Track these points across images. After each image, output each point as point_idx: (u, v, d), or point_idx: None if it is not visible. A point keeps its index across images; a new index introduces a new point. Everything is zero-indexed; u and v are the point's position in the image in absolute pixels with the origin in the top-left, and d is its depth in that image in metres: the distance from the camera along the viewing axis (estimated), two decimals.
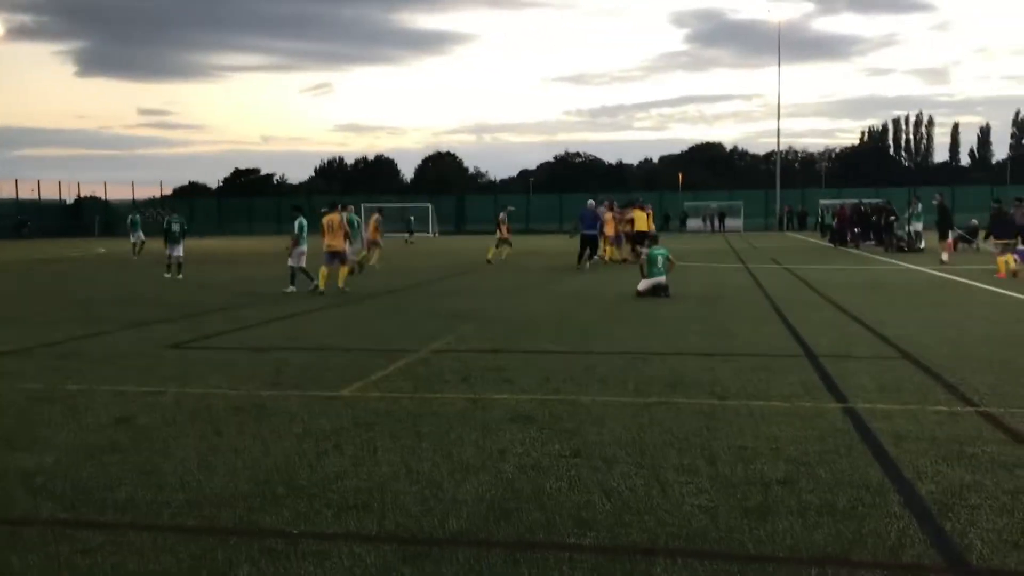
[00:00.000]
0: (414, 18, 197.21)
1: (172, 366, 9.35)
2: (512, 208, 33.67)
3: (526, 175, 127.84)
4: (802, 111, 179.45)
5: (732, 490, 5.01)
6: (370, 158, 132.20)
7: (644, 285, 15.96)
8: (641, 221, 26.14)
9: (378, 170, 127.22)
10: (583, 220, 24.65)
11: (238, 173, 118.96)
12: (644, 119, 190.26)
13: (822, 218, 48.40)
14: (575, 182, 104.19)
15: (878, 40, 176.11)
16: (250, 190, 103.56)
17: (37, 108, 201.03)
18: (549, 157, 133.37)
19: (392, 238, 38.83)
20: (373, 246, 24.72)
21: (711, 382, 8.09)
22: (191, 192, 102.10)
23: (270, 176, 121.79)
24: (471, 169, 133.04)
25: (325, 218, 18.06)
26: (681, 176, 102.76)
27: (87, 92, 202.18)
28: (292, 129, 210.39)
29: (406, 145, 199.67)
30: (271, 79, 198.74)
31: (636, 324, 12.30)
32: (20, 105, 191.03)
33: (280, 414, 7.06)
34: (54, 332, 11.95)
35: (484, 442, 6.10)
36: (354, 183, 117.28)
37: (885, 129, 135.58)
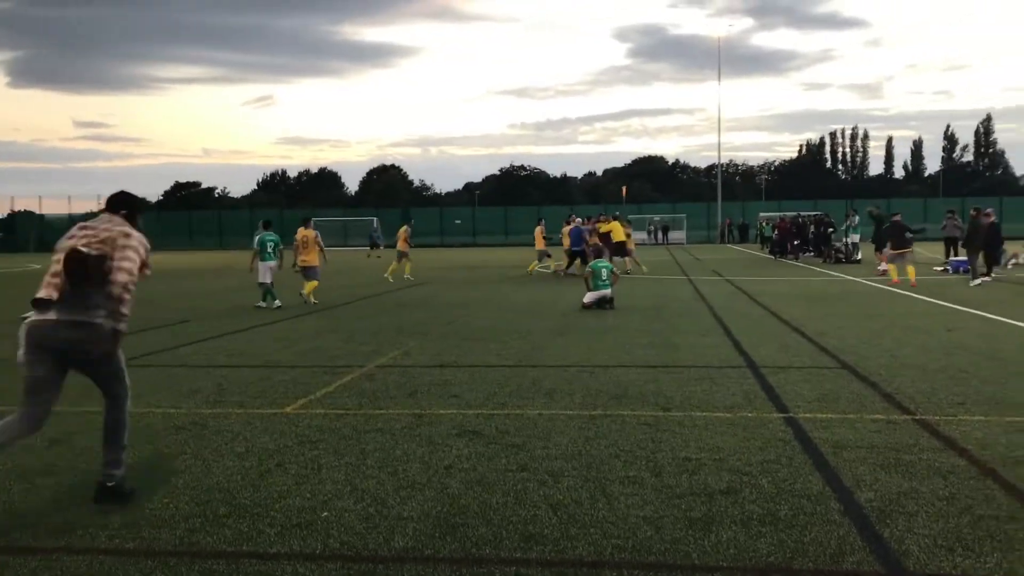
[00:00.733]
0: (359, 30, 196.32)
1: None
2: (413, 221, 33.75)
3: (471, 188, 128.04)
4: (742, 125, 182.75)
5: (677, 501, 5.06)
6: (314, 171, 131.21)
7: (589, 298, 16.12)
8: (619, 233, 26.24)
9: (322, 183, 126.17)
10: (572, 238, 25.76)
11: (178, 187, 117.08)
12: (588, 132, 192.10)
13: (762, 230, 49.30)
14: (520, 195, 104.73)
15: (814, 55, 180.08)
16: (190, 204, 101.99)
17: None
18: (494, 170, 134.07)
19: (337, 251, 38.55)
20: (403, 257, 25.03)
21: (655, 393, 8.17)
22: None
23: (211, 190, 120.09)
24: (416, 182, 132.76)
25: (299, 234, 18.23)
26: (625, 189, 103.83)
27: (20, 104, 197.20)
28: (234, 142, 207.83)
29: (350, 158, 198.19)
30: (212, 91, 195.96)
31: (582, 337, 12.37)
32: None
33: (222, 432, 6.94)
34: None
35: (430, 458, 6.07)
36: (297, 196, 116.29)
37: (822, 143, 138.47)
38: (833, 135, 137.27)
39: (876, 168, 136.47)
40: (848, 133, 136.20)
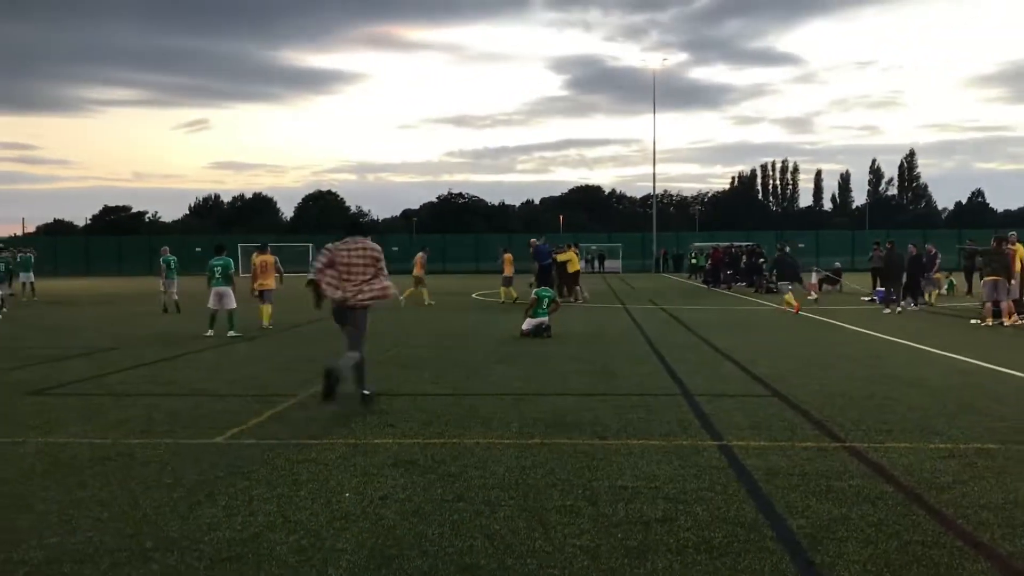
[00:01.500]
0: (297, 56, 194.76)
1: (32, 414, 8.84)
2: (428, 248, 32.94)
3: (409, 215, 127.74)
4: (677, 156, 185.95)
5: (613, 530, 5.06)
6: (248, 196, 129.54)
7: (528, 325, 16.18)
8: (575, 263, 26.37)
9: (256, 209, 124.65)
10: (540, 255, 25.68)
11: (107, 211, 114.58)
12: (526, 161, 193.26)
13: (694, 259, 50.19)
14: (459, 222, 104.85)
15: (748, 90, 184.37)
16: (120, 228, 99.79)
17: None
18: (432, 197, 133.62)
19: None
20: (420, 283, 24.91)
21: (592, 422, 8.19)
22: (56, 230, 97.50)
23: (142, 214, 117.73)
24: (353, 208, 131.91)
25: (258, 259, 18.76)
26: (562, 218, 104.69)
27: None
28: (166, 166, 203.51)
29: (286, 184, 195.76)
30: (144, 114, 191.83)
31: (519, 364, 12.37)
32: None
33: (150, 463, 6.75)
34: None
35: (365, 488, 5.99)
36: (231, 222, 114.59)
37: (754, 175, 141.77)
38: (764, 167, 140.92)
39: (806, 200, 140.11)
40: (779, 166, 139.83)
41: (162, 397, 9.90)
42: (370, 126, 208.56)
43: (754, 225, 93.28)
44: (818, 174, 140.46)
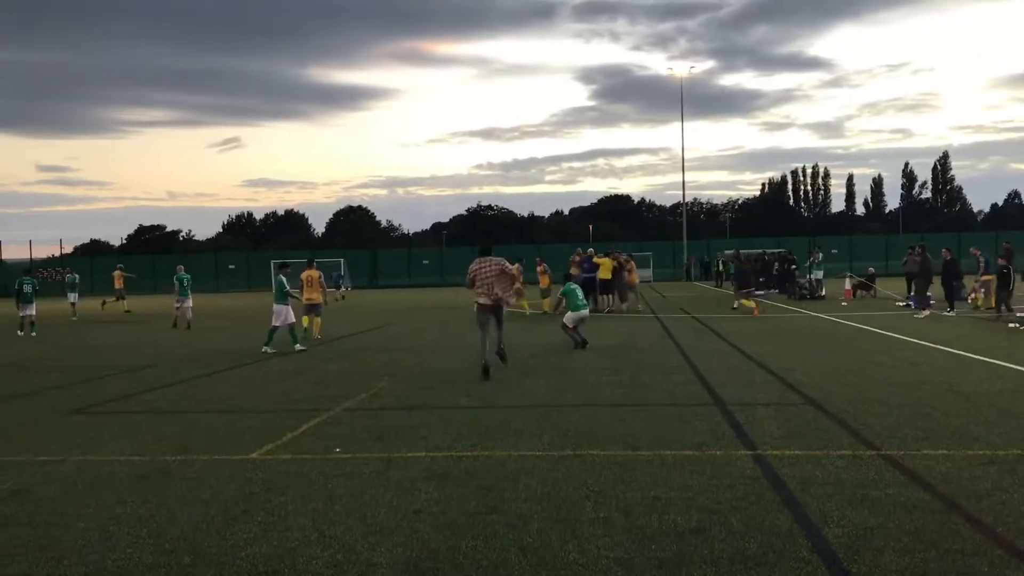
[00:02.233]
0: (326, 73, 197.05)
1: (73, 433, 8.99)
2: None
3: (439, 228, 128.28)
4: (706, 164, 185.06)
5: (647, 541, 5.05)
6: (280, 213, 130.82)
7: (571, 319, 16.48)
8: (606, 270, 26.29)
9: (288, 225, 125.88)
10: (585, 267, 26.27)
11: (142, 230, 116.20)
12: (555, 172, 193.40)
13: (719, 267, 49.91)
14: (488, 235, 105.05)
15: (777, 95, 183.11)
16: (155, 247, 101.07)
17: None
18: (462, 210, 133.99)
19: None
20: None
21: (624, 433, 8.17)
22: (93, 250, 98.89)
23: (176, 232, 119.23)
24: (384, 223, 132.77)
25: (304, 274, 19.64)
26: (591, 228, 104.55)
27: None
28: (199, 185, 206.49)
29: (317, 200, 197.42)
30: (177, 134, 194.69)
31: (549, 376, 12.37)
32: None
33: (187, 480, 6.84)
34: None
35: (398, 502, 6.02)
36: (263, 239, 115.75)
37: (784, 181, 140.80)
38: (795, 173, 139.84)
39: (838, 205, 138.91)
40: (809, 171, 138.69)
41: (198, 414, 10.02)
42: (399, 141, 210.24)
43: (785, 231, 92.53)
44: (850, 179, 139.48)
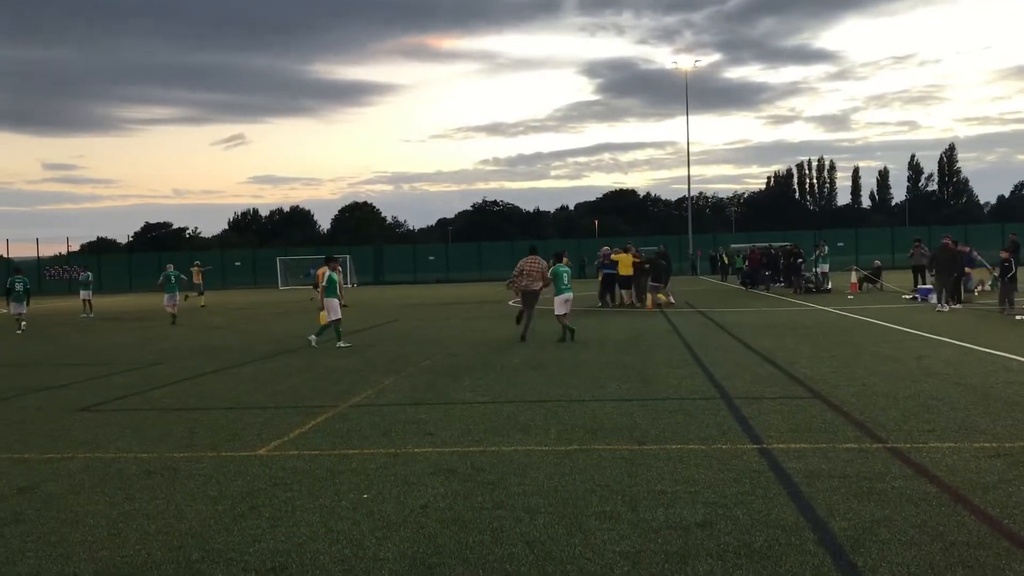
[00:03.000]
0: (330, 69, 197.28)
1: (80, 430, 9.03)
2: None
3: (444, 224, 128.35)
4: (712, 158, 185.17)
5: (653, 535, 5.07)
6: (286, 209, 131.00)
7: (559, 307, 16.88)
8: (626, 266, 26.27)
9: (294, 221, 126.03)
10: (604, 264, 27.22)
11: (148, 227, 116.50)
12: (560, 167, 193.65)
13: (723, 260, 49.94)
14: (494, 230, 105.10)
15: (783, 88, 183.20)
16: (161, 244, 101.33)
17: None
18: (467, 206, 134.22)
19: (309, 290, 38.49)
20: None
21: (630, 427, 8.19)
22: (100, 248, 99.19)
23: (182, 230, 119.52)
24: (389, 219, 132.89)
25: (321, 271, 19.35)
26: (597, 223, 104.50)
27: None
28: (205, 182, 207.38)
29: (323, 196, 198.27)
30: (183, 131, 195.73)
31: (556, 371, 12.39)
32: None
33: (194, 476, 6.87)
34: None
35: (405, 497, 6.05)
36: (269, 235, 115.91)
37: (790, 174, 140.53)
38: (800, 166, 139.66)
39: (844, 198, 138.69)
40: (815, 164, 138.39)
41: (205, 411, 10.06)
42: (404, 137, 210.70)
43: (791, 225, 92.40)
44: (856, 171, 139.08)
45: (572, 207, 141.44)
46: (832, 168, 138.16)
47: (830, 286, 31.50)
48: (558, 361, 13.57)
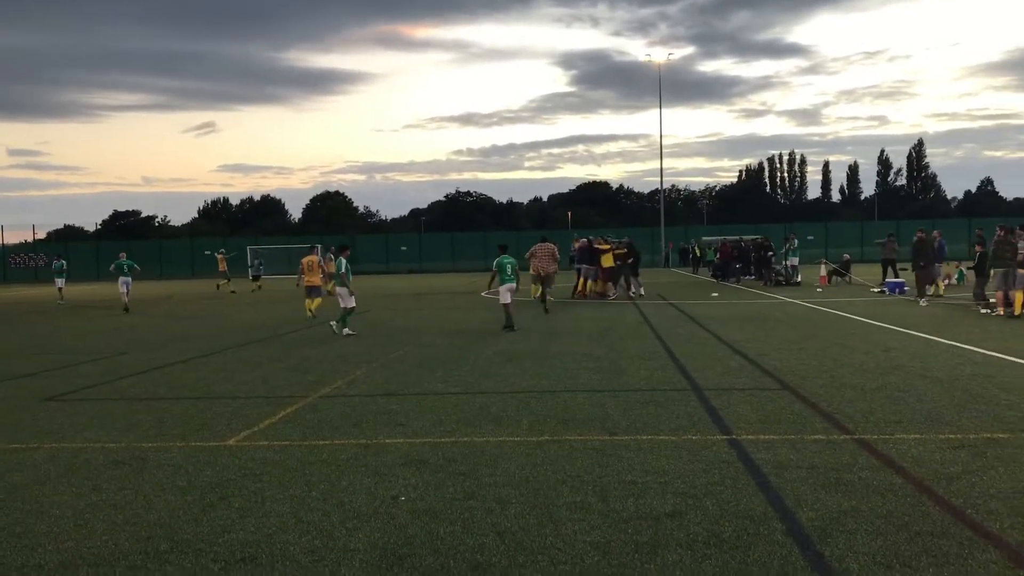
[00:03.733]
0: (302, 57, 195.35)
1: (47, 420, 8.92)
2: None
3: (417, 214, 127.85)
4: (685, 151, 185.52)
5: (623, 525, 5.09)
6: (256, 198, 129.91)
7: (505, 296, 17.36)
8: (608, 259, 26.19)
9: (265, 210, 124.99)
10: (582, 255, 27.07)
11: (117, 215, 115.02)
12: (534, 159, 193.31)
13: (695, 252, 50.39)
14: (467, 221, 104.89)
15: (755, 82, 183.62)
16: (130, 232, 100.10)
17: None
18: (440, 196, 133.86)
19: (279, 279, 38.21)
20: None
21: (602, 418, 8.22)
22: (67, 236, 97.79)
23: (151, 218, 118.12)
24: (361, 208, 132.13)
25: (305, 259, 21.18)
26: (570, 214, 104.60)
27: None
28: (174, 170, 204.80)
29: (294, 185, 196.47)
30: (152, 118, 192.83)
31: (529, 362, 12.40)
32: None
33: (163, 466, 6.82)
34: None
35: (376, 488, 6.03)
36: (240, 224, 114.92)
37: (761, 167, 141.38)
38: (772, 160, 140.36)
39: (814, 192, 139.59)
40: (786, 158, 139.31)
41: (174, 400, 9.97)
42: (377, 126, 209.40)
43: (762, 218, 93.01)
44: (826, 166, 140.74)
45: (545, 198, 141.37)
46: (803, 162, 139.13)
47: (800, 279, 31.79)
48: (530, 353, 13.59)
